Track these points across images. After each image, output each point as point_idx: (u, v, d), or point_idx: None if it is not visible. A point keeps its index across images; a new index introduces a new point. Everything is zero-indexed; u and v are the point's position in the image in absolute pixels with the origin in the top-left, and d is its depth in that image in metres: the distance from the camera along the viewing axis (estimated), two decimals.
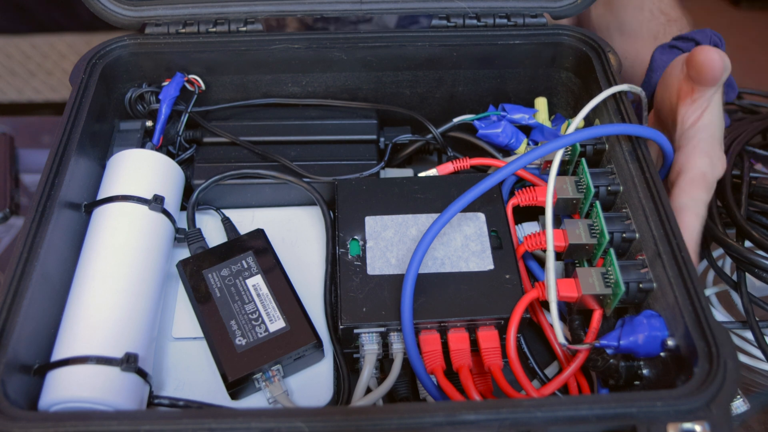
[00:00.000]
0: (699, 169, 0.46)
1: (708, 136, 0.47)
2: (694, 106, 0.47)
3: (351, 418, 0.34)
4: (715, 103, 0.47)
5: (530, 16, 0.55)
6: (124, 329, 0.41)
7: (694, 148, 0.46)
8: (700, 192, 0.45)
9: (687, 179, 0.45)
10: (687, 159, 0.46)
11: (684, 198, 0.45)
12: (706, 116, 0.47)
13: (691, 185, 0.45)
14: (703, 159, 0.46)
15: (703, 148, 0.46)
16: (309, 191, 0.51)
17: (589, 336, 0.43)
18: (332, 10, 0.55)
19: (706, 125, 0.47)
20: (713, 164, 0.46)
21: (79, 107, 0.49)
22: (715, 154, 0.47)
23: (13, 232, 0.63)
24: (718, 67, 0.45)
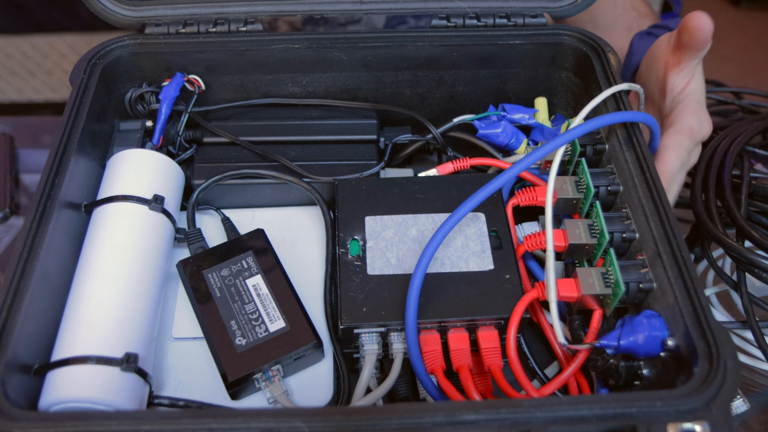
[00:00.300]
0: (687, 122, 0.51)
1: (696, 99, 0.52)
2: (681, 75, 0.52)
3: (351, 418, 0.34)
4: (698, 70, 0.53)
5: (530, 16, 0.55)
6: (124, 329, 0.41)
7: (684, 108, 0.52)
8: (684, 139, 0.50)
9: (674, 129, 0.51)
10: (676, 117, 0.51)
11: (668, 140, 0.50)
12: (692, 83, 0.52)
13: (677, 133, 0.50)
14: (691, 116, 0.51)
15: (692, 109, 0.52)
16: (309, 191, 0.51)
17: (589, 336, 0.43)
18: (332, 10, 0.55)
19: (694, 90, 0.52)
20: (700, 123, 0.51)
21: (79, 107, 0.49)
22: (702, 115, 0.52)
23: (13, 232, 0.63)
24: (708, 29, 0.49)
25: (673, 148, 0.49)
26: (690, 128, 0.50)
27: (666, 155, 0.49)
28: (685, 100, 0.52)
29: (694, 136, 0.51)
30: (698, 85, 0.53)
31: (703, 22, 0.49)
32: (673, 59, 0.53)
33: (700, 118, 0.52)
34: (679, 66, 0.52)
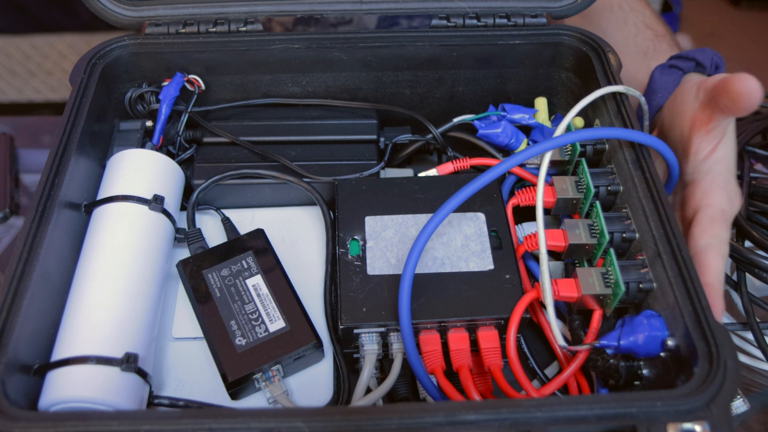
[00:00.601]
0: (719, 206, 0.44)
1: (724, 169, 0.45)
2: (709, 137, 0.45)
3: (351, 418, 0.34)
4: (730, 132, 0.45)
5: (530, 16, 0.55)
6: (124, 329, 0.41)
7: (711, 182, 0.44)
8: (721, 230, 0.43)
9: (707, 217, 0.43)
10: (704, 195, 0.44)
11: (706, 238, 0.43)
12: (721, 148, 0.45)
13: (712, 224, 0.43)
14: (721, 195, 0.44)
15: (720, 183, 0.44)
16: (309, 191, 0.51)
17: (589, 336, 0.43)
18: (332, 10, 0.55)
19: (722, 158, 0.45)
20: (731, 199, 0.44)
21: (79, 107, 0.49)
22: (731, 189, 0.45)
23: (13, 232, 0.63)
24: (757, 97, 0.41)
25: (713, 248, 0.42)
26: (722, 212, 0.43)
27: (709, 260, 0.41)
28: (712, 171, 0.45)
29: (727, 219, 0.44)
30: (728, 151, 0.45)
31: (751, 88, 0.41)
32: (702, 117, 0.45)
33: (730, 195, 0.44)
34: (707, 126, 0.45)
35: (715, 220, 0.43)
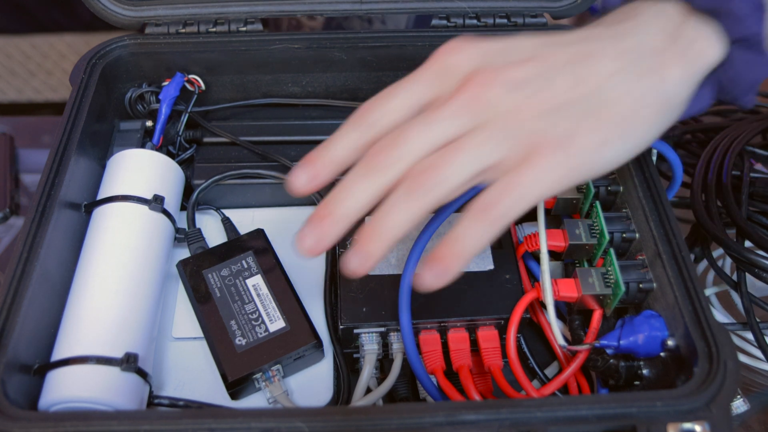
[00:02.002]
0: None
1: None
2: None
3: (351, 418, 0.34)
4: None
5: (530, 16, 0.55)
6: (124, 329, 0.41)
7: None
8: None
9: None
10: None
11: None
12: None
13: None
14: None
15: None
16: None
17: (589, 336, 0.43)
18: (332, 10, 0.55)
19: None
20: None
21: (79, 107, 0.49)
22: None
23: (13, 232, 0.63)
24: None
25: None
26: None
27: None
28: None
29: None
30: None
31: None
32: None
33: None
34: None
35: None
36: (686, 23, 0.36)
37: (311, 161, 0.34)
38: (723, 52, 0.36)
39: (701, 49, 0.35)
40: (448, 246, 0.32)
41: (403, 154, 0.32)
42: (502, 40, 0.35)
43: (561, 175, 0.33)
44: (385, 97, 0.34)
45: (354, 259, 0.32)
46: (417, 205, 0.32)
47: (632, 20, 0.36)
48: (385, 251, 0.32)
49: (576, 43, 0.35)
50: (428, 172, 0.31)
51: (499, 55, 0.34)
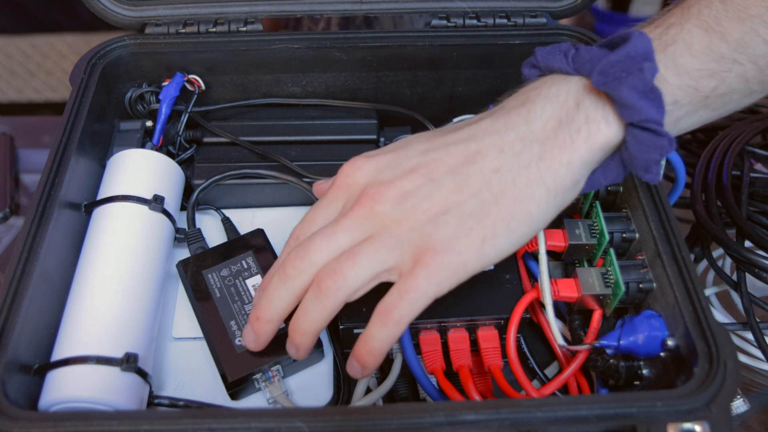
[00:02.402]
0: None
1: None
2: None
3: (351, 418, 0.34)
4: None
5: (530, 16, 0.55)
6: (124, 329, 0.41)
7: None
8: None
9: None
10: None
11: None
12: None
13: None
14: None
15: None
16: (309, 191, 0.51)
17: (589, 336, 0.43)
18: (332, 10, 0.55)
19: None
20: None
21: (79, 107, 0.49)
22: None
23: (13, 232, 0.63)
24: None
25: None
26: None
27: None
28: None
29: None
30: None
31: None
32: None
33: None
34: None
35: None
36: (581, 105, 0.37)
37: (255, 305, 0.40)
38: (618, 132, 0.37)
39: (590, 132, 0.37)
40: (362, 345, 0.37)
41: (309, 262, 0.37)
42: (393, 150, 0.39)
43: (449, 275, 0.36)
44: (307, 221, 0.40)
45: (290, 350, 0.39)
46: (325, 305, 0.37)
47: (526, 106, 0.38)
48: (312, 341, 0.38)
49: (462, 143, 0.38)
50: (330, 276, 0.36)
51: (389, 168, 0.38)
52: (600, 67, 0.36)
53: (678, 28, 0.38)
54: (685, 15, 0.38)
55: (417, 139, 0.40)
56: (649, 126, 0.35)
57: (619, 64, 0.36)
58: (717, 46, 0.37)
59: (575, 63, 0.38)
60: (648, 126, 0.35)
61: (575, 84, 0.38)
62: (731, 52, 0.37)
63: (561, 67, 0.39)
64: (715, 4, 0.38)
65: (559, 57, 0.39)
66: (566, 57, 0.38)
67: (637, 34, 0.36)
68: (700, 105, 0.38)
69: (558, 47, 0.39)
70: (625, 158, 0.37)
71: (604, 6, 1.19)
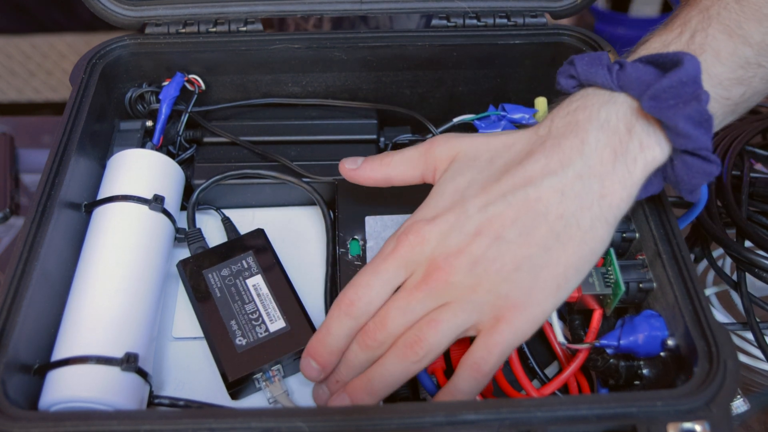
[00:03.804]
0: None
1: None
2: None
3: (351, 418, 0.34)
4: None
5: (530, 15, 0.55)
6: (124, 329, 0.41)
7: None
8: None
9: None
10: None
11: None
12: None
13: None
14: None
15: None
16: (309, 191, 0.51)
17: (589, 336, 0.43)
18: (332, 10, 0.55)
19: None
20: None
21: (79, 107, 0.49)
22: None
23: (13, 232, 0.63)
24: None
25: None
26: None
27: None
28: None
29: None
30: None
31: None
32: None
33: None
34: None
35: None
36: (633, 132, 0.37)
37: (317, 354, 0.39)
38: (668, 154, 0.37)
39: (646, 161, 0.37)
40: (449, 398, 0.37)
41: (389, 334, 0.38)
42: (452, 208, 0.38)
43: (531, 326, 0.37)
44: (365, 287, 0.38)
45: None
46: (409, 370, 0.37)
47: (578, 135, 0.37)
48: (375, 402, 0.38)
49: (521, 190, 0.37)
50: (417, 344, 0.37)
51: (453, 233, 0.37)
52: (652, 92, 0.35)
53: (703, 35, 0.37)
54: (705, 18, 0.38)
55: (470, 187, 0.39)
56: (701, 153, 0.35)
57: (672, 90, 0.35)
58: (742, 51, 0.37)
59: (620, 80, 0.37)
60: (699, 153, 0.35)
61: (623, 106, 0.37)
62: (755, 56, 0.37)
63: (604, 83, 0.38)
64: (731, 5, 0.38)
65: (602, 72, 0.38)
66: (610, 72, 0.38)
67: (688, 58, 0.35)
68: (729, 113, 0.38)
69: (598, 59, 0.38)
70: (669, 178, 0.37)
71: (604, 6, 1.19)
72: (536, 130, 0.39)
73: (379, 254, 0.39)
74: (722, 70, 0.37)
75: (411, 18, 0.82)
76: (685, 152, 0.36)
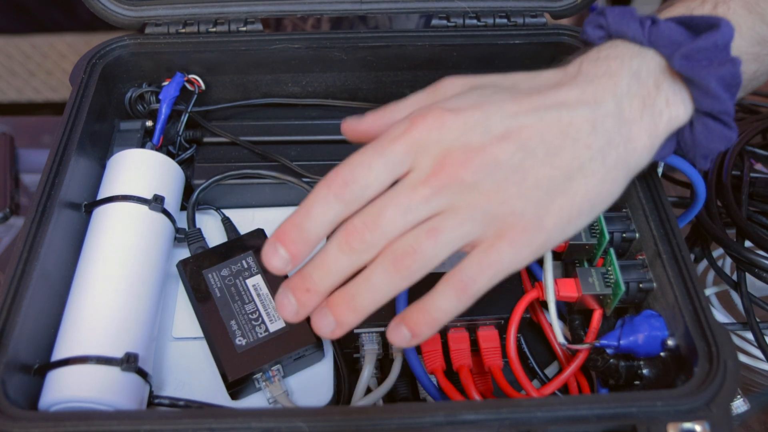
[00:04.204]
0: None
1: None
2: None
3: (351, 418, 0.34)
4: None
5: (530, 16, 0.55)
6: (124, 329, 0.41)
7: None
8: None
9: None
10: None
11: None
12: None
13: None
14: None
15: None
16: (309, 191, 0.51)
17: (589, 336, 0.43)
18: (332, 10, 0.55)
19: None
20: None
21: (79, 107, 0.49)
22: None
23: (13, 232, 0.63)
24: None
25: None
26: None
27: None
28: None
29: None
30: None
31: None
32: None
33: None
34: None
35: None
36: (661, 87, 0.36)
37: (289, 241, 0.33)
38: (690, 116, 0.36)
39: (670, 117, 0.36)
40: (422, 313, 0.33)
41: (381, 236, 0.33)
42: (479, 106, 0.34)
43: (532, 252, 0.34)
44: (364, 167, 0.33)
45: (326, 326, 0.33)
46: (398, 285, 0.33)
47: (612, 78, 0.36)
48: (359, 322, 0.33)
49: (555, 109, 0.35)
50: (410, 256, 0.32)
51: (477, 130, 0.34)
52: (685, 51, 0.35)
53: (725, 7, 0.37)
54: None
55: (501, 94, 0.35)
56: (723, 117, 0.35)
57: (705, 52, 0.35)
58: (759, 28, 0.37)
59: (651, 36, 0.36)
60: (722, 117, 0.35)
61: (653, 61, 0.36)
62: None
63: (635, 36, 0.37)
64: None
65: (634, 25, 0.37)
66: (642, 26, 0.37)
67: (725, 23, 0.35)
68: (740, 89, 0.37)
69: (629, 12, 0.37)
70: (686, 141, 0.37)
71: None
72: (564, 69, 0.37)
73: (387, 134, 0.34)
74: (742, 43, 0.37)
75: (410, 18, 0.82)
76: (707, 115, 0.35)
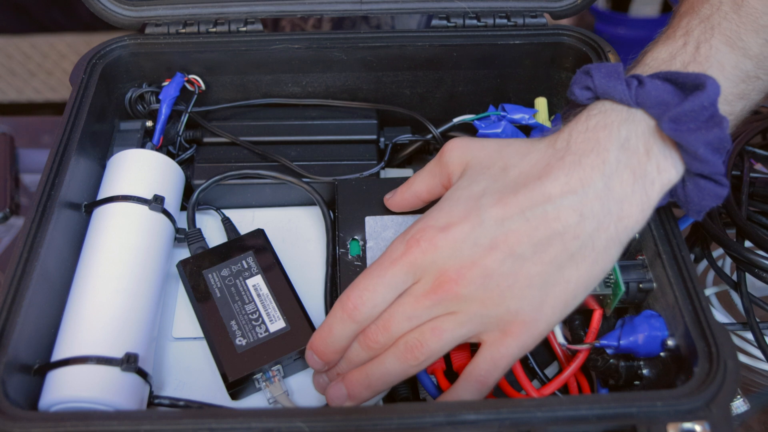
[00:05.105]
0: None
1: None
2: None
3: (351, 418, 0.34)
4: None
5: (530, 16, 0.55)
6: (124, 329, 0.41)
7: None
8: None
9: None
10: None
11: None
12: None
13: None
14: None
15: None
16: (309, 192, 0.51)
17: (589, 336, 0.43)
18: (332, 10, 0.55)
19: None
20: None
21: (79, 107, 0.49)
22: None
23: (13, 232, 0.63)
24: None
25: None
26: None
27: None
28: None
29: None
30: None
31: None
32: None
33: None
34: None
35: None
36: (651, 153, 0.36)
37: (319, 352, 0.40)
38: (681, 175, 0.37)
39: (662, 183, 0.36)
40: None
41: (391, 336, 0.38)
42: (467, 218, 0.37)
43: (536, 339, 0.37)
44: (370, 291, 0.38)
45: (339, 398, 0.39)
46: (406, 371, 0.38)
47: (599, 154, 0.36)
48: (369, 399, 0.39)
49: (539, 207, 0.36)
50: (417, 348, 0.37)
51: (467, 244, 0.37)
52: (673, 115, 0.35)
53: (707, 47, 0.37)
54: (708, 28, 0.38)
55: (485, 195, 0.38)
56: (714, 177, 0.35)
57: (693, 114, 0.35)
58: (743, 65, 0.37)
59: (638, 97, 0.37)
60: (713, 177, 0.35)
61: (642, 123, 0.37)
62: (755, 69, 0.37)
63: (622, 98, 0.37)
64: (730, 14, 0.37)
65: (621, 87, 0.37)
66: (629, 88, 0.37)
67: (710, 81, 0.35)
68: (728, 127, 0.37)
69: (615, 71, 0.38)
70: (678, 197, 0.37)
71: (604, 6, 1.19)
72: (553, 142, 0.38)
73: (386, 256, 0.38)
74: (726, 84, 0.37)
75: (413, 18, 0.82)
76: (698, 175, 0.36)
